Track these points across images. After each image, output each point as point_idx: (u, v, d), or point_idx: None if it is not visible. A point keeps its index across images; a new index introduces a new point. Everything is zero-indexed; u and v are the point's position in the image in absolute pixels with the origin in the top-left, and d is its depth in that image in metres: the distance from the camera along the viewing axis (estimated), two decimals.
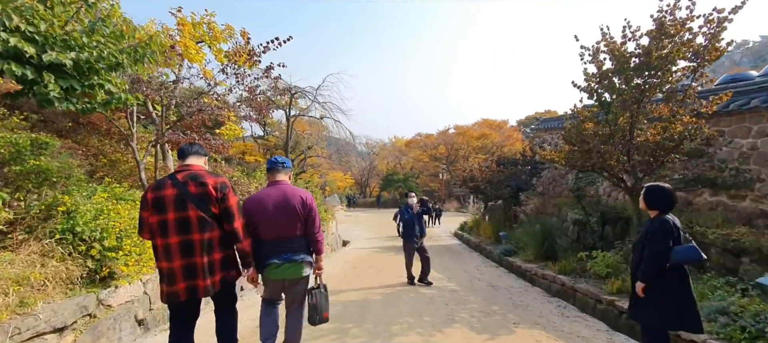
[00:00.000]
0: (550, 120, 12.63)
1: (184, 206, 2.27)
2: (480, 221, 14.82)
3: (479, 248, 11.97)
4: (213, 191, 2.32)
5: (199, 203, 2.29)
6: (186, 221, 2.26)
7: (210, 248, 2.32)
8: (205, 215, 2.29)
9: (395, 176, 34.16)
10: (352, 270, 8.11)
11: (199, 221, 2.28)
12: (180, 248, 2.26)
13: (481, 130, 30.86)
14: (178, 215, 2.26)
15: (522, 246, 9.58)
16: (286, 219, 2.62)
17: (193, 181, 2.32)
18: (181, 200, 2.27)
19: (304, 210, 2.66)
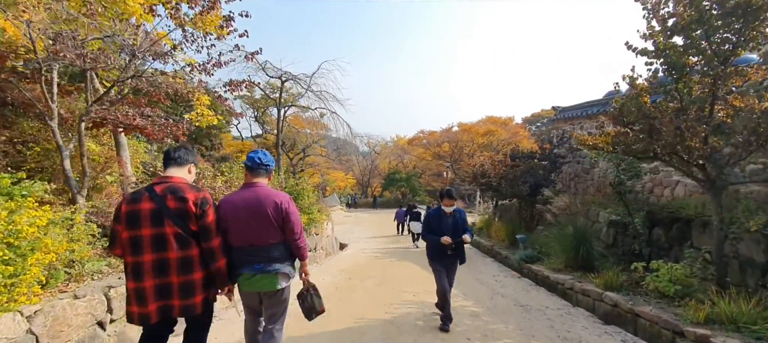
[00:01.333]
0: (572, 108, 11.18)
1: (161, 222, 2.09)
2: (490, 221, 13.39)
3: (492, 252, 10.53)
4: (192, 206, 2.13)
5: (177, 219, 2.11)
6: (162, 238, 2.08)
7: (188, 266, 2.12)
8: (182, 231, 2.11)
9: (397, 175, 32.70)
10: (346, 282, 6.70)
11: (177, 238, 2.10)
12: (153, 266, 2.07)
13: (486, 126, 29.39)
14: (154, 231, 2.08)
15: (545, 251, 8.15)
16: (258, 226, 2.33)
17: (173, 195, 2.12)
18: (157, 215, 2.08)
19: (278, 216, 2.35)
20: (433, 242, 4.04)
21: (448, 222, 4.05)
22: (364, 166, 38.48)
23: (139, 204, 2.08)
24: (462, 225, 4.13)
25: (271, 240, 2.35)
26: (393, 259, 9.60)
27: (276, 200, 2.35)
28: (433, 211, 4.26)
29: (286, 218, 2.36)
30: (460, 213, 4.17)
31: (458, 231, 4.05)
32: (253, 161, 2.44)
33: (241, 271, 2.34)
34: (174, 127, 5.10)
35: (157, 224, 2.07)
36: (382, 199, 34.43)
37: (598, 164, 9.70)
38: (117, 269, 3.74)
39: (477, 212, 23.92)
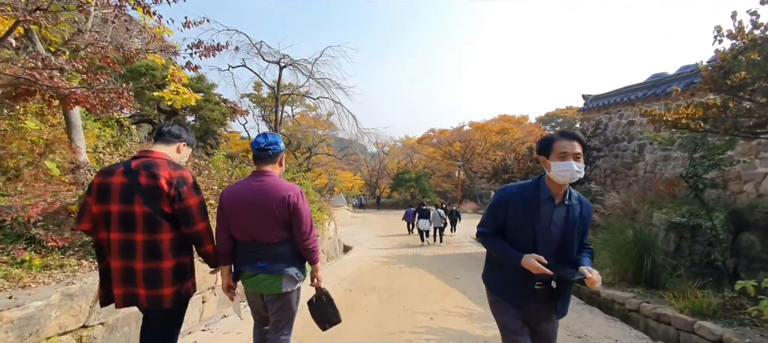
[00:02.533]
0: (607, 96, 9.66)
1: (131, 199, 1.82)
2: None
3: None
4: (165, 185, 1.82)
5: (148, 198, 1.82)
6: (130, 217, 1.81)
7: (155, 252, 1.83)
8: (153, 212, 1.82)
9: (406, 175, 31.27)
10: (347, 295, 5.38)
11: (146, 219, 1.82)
12: (120, 247, 1.82)
13: (500, 125, 27.83)
14: (123, 208, 1.82)
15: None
16: (260, 221, 1.99)
17: (146, 171, 1.84)
18: (128, 191, 1.82)
19: (283, 211, 1.98)
20: (508, 258, 1.76)
21: (553, 218, 1.75)
22: (372, 166, 37.18)
23: (111, 177, 1.85)
24: (581, 233, 1.83)
25: (276, 238, 2.02)
26: (402, 265, 8.24)
27: (283, 193, 2.00)
28: (514, 188, 1.86)
29: (294, 214, 2.01)
30: (583, 206, 1.84)
31: (570, 246, 1.78)
32: (257, 144, 2.08)
33: (244, 268, 2.06)
34: (116, 93, 3.84)
35: (127, 201, 1.82)
36: (389, 200, 33.07)
37: (643, 157, 8.20)
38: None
39: None
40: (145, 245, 1.81)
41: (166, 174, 1.84)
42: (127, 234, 1.81)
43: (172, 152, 2.01)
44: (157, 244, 1.82)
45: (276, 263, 2.01)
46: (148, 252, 1.82)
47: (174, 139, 2.02)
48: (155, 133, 2.05)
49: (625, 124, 8.88)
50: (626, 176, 8.76)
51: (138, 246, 1.81)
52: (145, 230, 1.81)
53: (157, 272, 1.83)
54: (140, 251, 1.81)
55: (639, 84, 8.64)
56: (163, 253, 1.84)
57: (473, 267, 8.14)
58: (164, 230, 1.84)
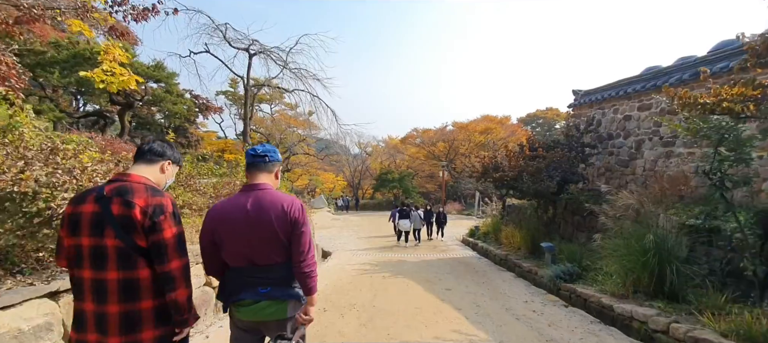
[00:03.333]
0: (601, 90, 9.08)
1: (101, 231, 1.52)
2: (498, 225, 11.26)
3: (509, 263, 8.37)
4: (138, 215, 1.53)
5: (120, 230, 1.52)
6: (101, 252, 1.52)
7: (132, 292, 1.54)
8: (126, 246, 1.52)
9: (389, 175, 30.44)
10: (320, 317, 4.45)
11: (119, 254, 1.52)
12: (92, 287, 1.52)
13: (484, 124, 27.42)
14: (93, 241, 1.53)
15: (590, 266, 6.03)
16: (259, 240, 1.72)
17: (120, 197, 1.55)
18: (98, 222, 1.53)
19: (285, 227, 1.73)
20: None
21: None
22: (354, 167, 36.19)
23: (82, 206, 1.56)
24: None
25: (278, 258, 1.73)
26: (386, 273, 7.36)
27: (284, 204, 1.74)
28: None
29: (295, 230, 1.73)
30: None
31: None
32: (254, 157, 1.83)
33: (242, 296, 1.73)
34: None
35: (96, 233, 1.52)
36: (372, 201, 32.14)
37: (641, 154, 7.62)
38: None
39: (476, 215, 21.82)
40: (119, 285, 1.52)
41: (141, 202, 1.55)
42: (98, 272, 1.52)
43: (155, 173, 1.73)
44: (133, 283, 1.54)
45: (279, 286, 1.75)
46: (124, 292, 1.53)
47: (157, 157, 1.73)
48: (135, 152, 1.76)
49: (621, 119, 8.32)
50: (622, 174, 8.19)
51: (109, 286, 1.52)
52: (119, 266, 1.53)
53: (136, 315, 1.54)
54: (114, 292, 1.52)
55: (635, 77, 8.09)
56: (141, 293, 1.55)
57: (464, 275, 7.34)
58: (141, 266, 1.55)
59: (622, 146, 8.28)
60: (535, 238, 8.51)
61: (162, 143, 1.81)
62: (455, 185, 28.40)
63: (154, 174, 1.72)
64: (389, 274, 7.33)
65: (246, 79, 11.88)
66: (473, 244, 11.79)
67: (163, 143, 1.81)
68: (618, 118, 8.45)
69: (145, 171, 1.69)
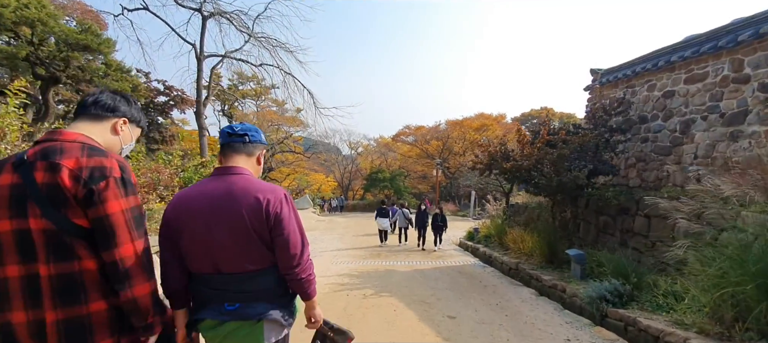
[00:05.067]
0: (629, 66, 7.43)
1: (24, 209, 1.06)
2: (502, 227, 9.59)
3: (521, 274, 6.67)
4: (67, 180, 1.06)
5: (46, 204, 1.06)
6: (25, 238, 1.06)
7: (73, 292, 1.08)
8: (55, 227, 1.06)
9: (380, 174, 28.67)
10: None
11: (47, 240, 1.06)
12: (22, 286, 1.06)
13: (479, 121, 25.88)
14: (14, 224, 1.06)
15: (644, 283, 4.36)
16: (226, 239, 1.29)
17: (44, 161, 1.07)
18: (19, 198, 1.06)
19: (260, 224, 1.29)
20: None
21: None
22: (344, 166, 34.38)
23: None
24: None
25: (252, 264, 1.30)
26: (369, 290, 5.59)
27: (259, 196, 1.30)
28: None
29: (276, 228, 1.30)
30: None
31: None
32: (226, 132, 1.43)
33: (202, 314, 1.31)
34: None
35: (19, 213, 1.06)
36: (362, 202, 30.31)
37: (690, 137, 5.99)
38: None
39: (472, 216, 20.14)
40: (54, 282, 1.06)
41: (72, 162, 1.07)
42: (28, 265, 1.06)
43: (103, 134, 1.22)
44: (72, 279, 1.07)
45: (253, 302, 1.31)
46: (61, 292, 1.07)
47: (106, 112, 1.23)
48: (77, 106, 1.25)
49: (659, 97, 6.70)
50: (661, 164, 6.55)
51: (43, 284, 1.05)
52: (50, 258, 1.06)
53: (81, 324, 1.08)
54: (47, 292, 1.06)
55: (679, 43, 6.47)
56: (84, 292, 1.08)
57: (468, 291, 5.59)
58: (82, 256, 1.08)
59: (660, 130, 6.65)
60: (552, 243, 6.84)
61: (114, 95, 1.29)
62: (449, 185, 26.78)
63: (103, 134, 1.21)
64: (373, 291, 5.55)
65: (198, 48, 9.65)
66: (473, 249, 10.09)
67: (114, 95, 1.29)
68: (654, 97, 6.82)
69: (87, 129, 1.18)
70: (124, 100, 1.31)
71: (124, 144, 1.30)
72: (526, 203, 10.83)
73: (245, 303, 1.29)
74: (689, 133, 6.03)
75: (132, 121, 1.31)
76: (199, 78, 9.05)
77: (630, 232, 6.10)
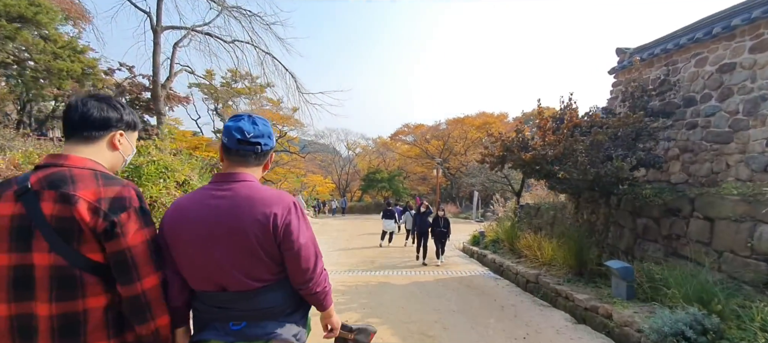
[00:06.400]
0: (667, 39, 6.16)
1: (26, 243, 0.97)
2: (513, 230, 8.32)
3: (542, 288, 5.38)
4: (85, 214, 0.98)
5: (56, 239, 0.98)
6: (26, 275, 0.97)
7: (76, 334, 0.99)
8: (66, 262, 0.98)
9: (378, 175, 27.36)
10: None
11: (54, 278, 0.98)
12: (12, 330, 0.97)
13: (481, 119, 24.64)
14: (14, 259, 0.97)
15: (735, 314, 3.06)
16: (230, 254, 1.15)
17: (53, 191, 0.99)
18: (22, 230, 0.98)
19: (267, 239, 1.14)
20: None
21: None
22: (341, 167, 33.11)
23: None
24: None
25: (258, 281, 1.17)
26: (352, 313, 4.31)
27: (265, 209, 1.14)
28: None
29: (286, 241, 1.16)
30: None
31: None
32: (239, 131, 1.18)
33: (205, 335, 1.17)
34: None
35: (20, 247, 0.97)
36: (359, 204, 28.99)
37: (760, 119, 4.70)
38: None
39: (475, 219, 18.84)
40: (54, 324, 0.96)
41: (90, 194, 0.99)
42: (22, 304, 0.96)
43: (103, 154, 1.12)
44: (76, 319, 0.98)
45: (260, 320, 1.17)
46: (62, 333, 0.97)
47: (99, 131, 1.10)
48: (63, 124, 1.12)
49: (713, 72, 5.43)
50: (718, 155, 5.26)
51: (40, 326, 0.96)
52: (54, 296, 0.97)
53: None
54: (46, 334, 0.96)
55: (739, 5, 5.20)
56: (91, 332, 0.99)
57: (482, 315, 4.28)
58: (90, 293, 1.00)
59: (713, 113, 5.37)
60: (579, 251, 5.56)
61: (100, 103, 1.11)
62: (450, 186, 25.49)
63: (102, 154, 1.11)
64: (358, 316, 4.25)
65: (154, 18, 8.03)
66: (480, 255, 8.81)
67: (101, 103, 1.12)
68: (706, 72, 5.55)
69: (86, 152, 1.09)
70: (111, 107, 1.13)
71: (126, 156, 1.18)
72: (537, 203, 9.57)
73: (252, 322, 1.16)
74: (757, 115, 4.75)
75: (128, 128, 1.17)
76: (156, 53, 7.62)
77: (682, 238, 4.82)
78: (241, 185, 1.17)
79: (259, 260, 1.15)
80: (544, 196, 12.03)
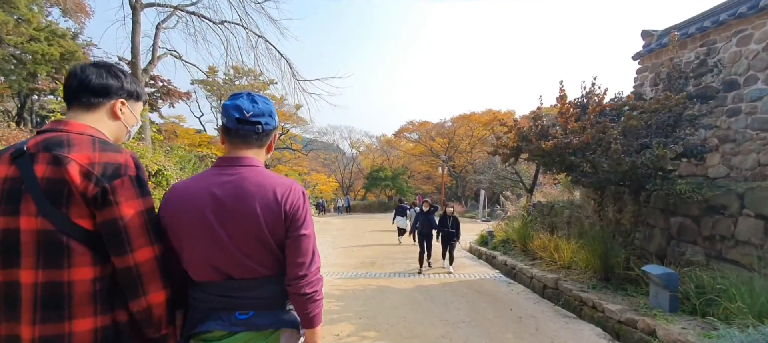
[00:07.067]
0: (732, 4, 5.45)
1: (16, 206, 0.93)
2: (526, 230, 7.67)
3: (563, 296, 4.74)
4: (77, 176, 0.94)
5: (45, 203, 0.93)
6: (12, 240, 0.93)
7: (57, 306, 0.93)
8: (54, 227, 0.93)
9: (381, 173, 26.75)
10: None
11: (40, 242, 0.93)
12: (5, 294, 0.92)
13: (488, 117, 23.92)
14: (3, 222, 0.93)
15: None
16: (239, 242, 1.10)
17: (47, 153, 0.95)
18: (13, 192, 0.94)
19: (276, 225, 1.10)
20: None
21: None
22: (344, 165, 32.59)
23: None
24: None
25: (266, 268, 1.12)
26: (346, 324, 3.75)
27: (276, 191, 1.10)
28: None
29: (292, 228, 1.11)
30: None
31: None
32: (238, 110, 1.12)
33: (209, 325, 1.09)
34: None
35: (9, 210, 0.93)
36: (362, 202, 28.42)
37: None
38: None
39: (481, 218, 18.15)
40: (39, 292, 0.91)
41: (83, 157, 0.95)
42: (7, 272, 0.91)
43: (103, 122, 1.08)
44: (60, 290, 0.92)
45: (267, 309, 1.12)
46: (46, 306, 0.92)
47: (98, 98, 1.06)
48: (64, 92, 1.07)
49: (760, 51, 4.73)
50: (767, 145, 4.56)
51: (24, 294, 0.91)
52: (40, 262, 0.92)
53: (74, 340, 0.92)
54: (28, 304, 0.91)
55: None
56: (75, 305, 0.93)
57: (499, 328, 3.65)
58: (76, 263, 0.94)
59: (761, 97, 4.69)
60: (604, 253, 4.90)
61: (99, 70, 1.07)
62: (455, 185, 24.81)
63: (103, 123, 1.07)
64: (352, 327, 3.64)
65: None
66: (489, 256, 8.17)
67: (100, 70, 1.07)
68: (751, 52, 4.86)
69: (86, 119, 1.05)
70: (111, 75, 1.08)
71: (130, 126, 1.14)
72: (550, 201, 8.91)
73: (259, 311, 1.12)
74: None
75: (130, 97, 1.12)
76: (135, 33, 6.99)
77: (728, 240, 4.14)
78: (248, 170, 1.11)
79: (266, 246, 1.09)
80: (556, 194, 11.36)
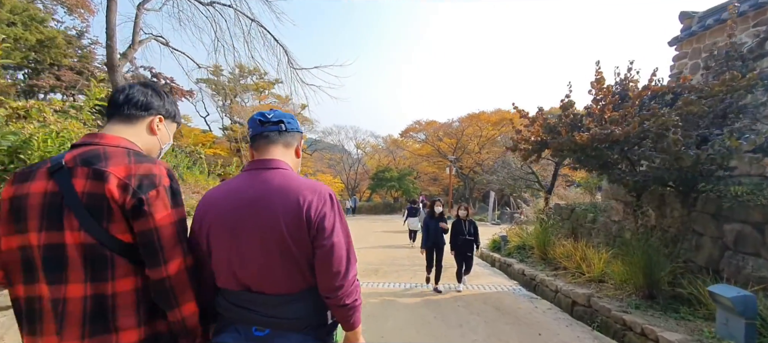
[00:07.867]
0: None
1: (57, 221, 0.92)
2: (546, 236, 6.93)
3: (598, 315, 4.00)
4: (116, 190, 0.94)
5: (86, 216, 0.92)
6: (57, 253, 0.91)
7: (102, 318, 0.93)
8: (96, 241, 0.93)
9: (387, 173, 26.06)
10: None
11: (86, 257, 0.92)
12: (54, 309, 0.91)
13: (498, 115, 23.11)
14: (46, 237, 0.92)
15: None
16: (258, 251, 1.03)
17: (86, 167, 0.95)
18: (53, 207, 0.93)
19: (299, 233, 1.02)
20: None
21: None
22: (349, 165, 32.02)
23: (27, 184, 0.94)
24: None
25: (286, 285, 1.05)
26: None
27: (300, 197, 1.03)
28: None
29: (319, 234, 1.02)
30: None
31: None
32: (258, 120, 1.16)
33: (224, 338, 1.06)
34: None
35: (52, 225, 0.92)
36: (368, 203, 27.77)
37: None
38: None
39: (491, 221, 17.33)
40: (86, 305, 0.90)
41: (121, 170, 0.95)
42: (56, 286, 0.90)
43: (141, 136, 1.10)
44: (104, 303, 0.92)
45: (285, 331, 1.05)
46: (93, 319, 0.91)
47: (140, 112, 1.10)
48: (107, 106, 1.11)
49: None
50: None
51: (70, 308, 0.89)
52: (86, 276, 0.91)
53: None
54: (76, 318, 0.90)
55: None
56: (120, 316, 0.93)
57: None
58: (119, 274, 0.94)
59: None
60: (650, 266, 4.14)
61: (144, 89, 1.13)
62: (463, 187, 24.02)
63: (140, 136, 1.10)
64: None
65: None
66: (504, 264, 7.44)
67: (145, 89, 1.13)
68: None
69: (124, 131, 1.07)
70: (155, 93, 1.14)
71: (163, 144, 1.16)
72: (570, 204, 8.13)
73: (276, 331, 1.05)
74: None
75: (167, 117, 1.17)
76: (111, 10, 6.33)
77: None
78: (275, 173, 1.07)
79: (289, 257, 1.01)
80: (574, 197, 10.54)
